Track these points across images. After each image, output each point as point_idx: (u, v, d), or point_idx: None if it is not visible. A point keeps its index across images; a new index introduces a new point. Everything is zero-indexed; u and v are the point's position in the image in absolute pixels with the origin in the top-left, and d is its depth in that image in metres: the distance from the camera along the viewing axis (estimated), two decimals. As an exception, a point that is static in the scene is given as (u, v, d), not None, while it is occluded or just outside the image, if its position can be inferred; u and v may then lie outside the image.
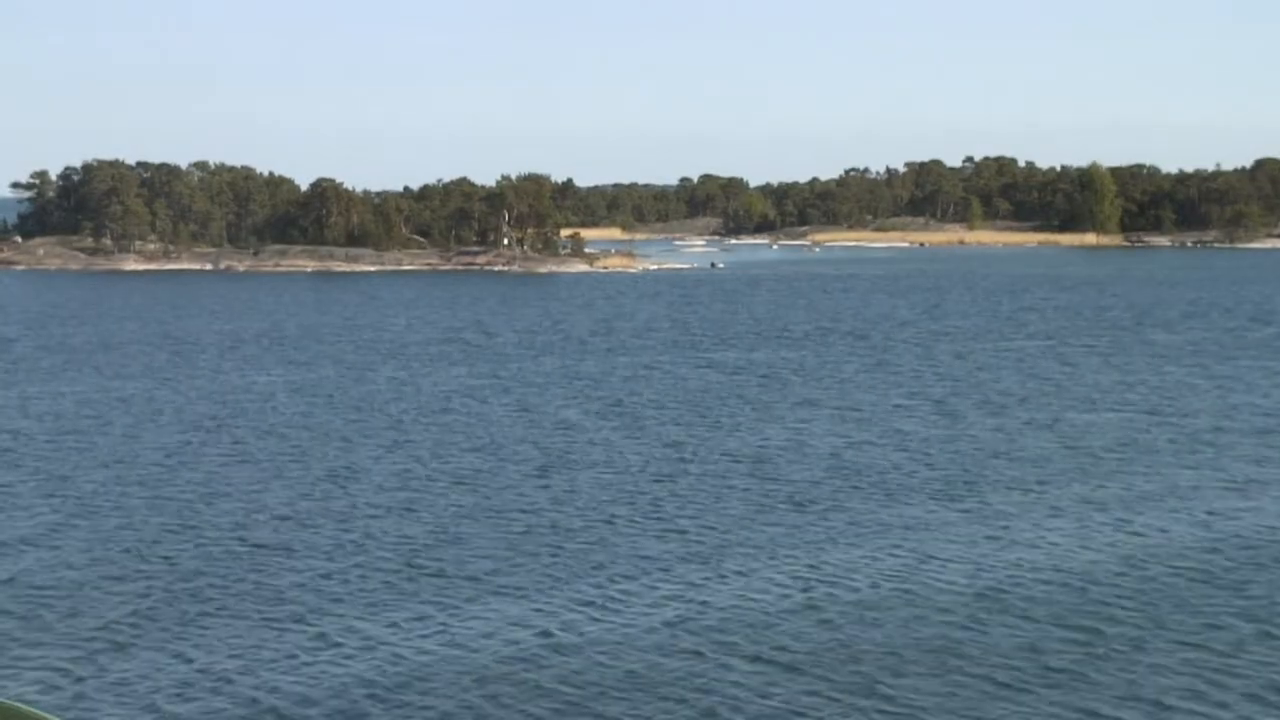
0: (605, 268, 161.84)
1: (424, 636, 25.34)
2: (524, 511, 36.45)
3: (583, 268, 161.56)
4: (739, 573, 29.88)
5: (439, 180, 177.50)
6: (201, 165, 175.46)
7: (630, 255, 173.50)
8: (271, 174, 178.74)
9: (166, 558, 31.51)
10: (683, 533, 33.97)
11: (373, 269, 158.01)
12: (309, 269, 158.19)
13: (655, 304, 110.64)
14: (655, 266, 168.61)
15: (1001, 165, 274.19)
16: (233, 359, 72.46)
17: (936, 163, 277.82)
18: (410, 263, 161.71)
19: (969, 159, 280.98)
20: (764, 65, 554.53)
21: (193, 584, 29.15)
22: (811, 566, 30.73)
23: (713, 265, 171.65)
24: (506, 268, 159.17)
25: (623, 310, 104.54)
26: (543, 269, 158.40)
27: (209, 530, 34.27)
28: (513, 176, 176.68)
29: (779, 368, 67.64)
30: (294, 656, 24.08)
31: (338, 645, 24.78)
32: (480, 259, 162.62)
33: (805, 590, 28.60)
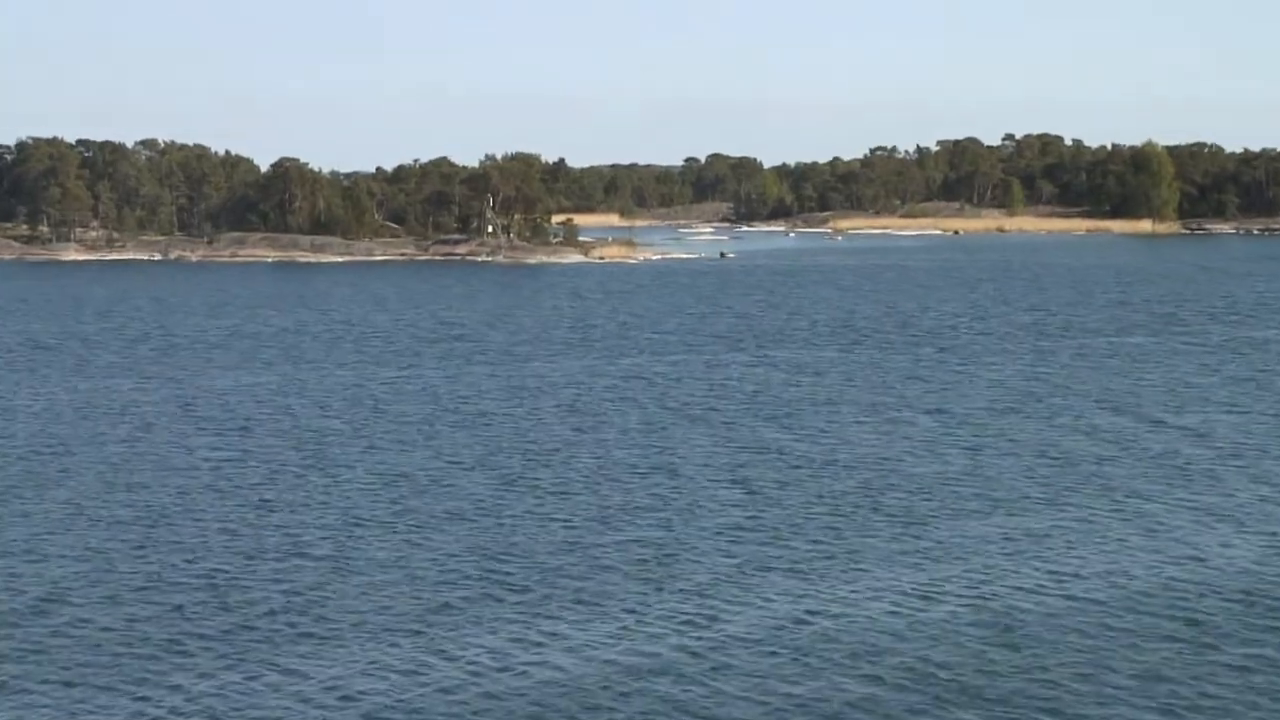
0: (602, 258, 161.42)
1: (528, 652, 27.11)
2: (602, 522, 37.37)
3: (577, 258, 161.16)
4: (849, 584, 31.69)
5: (415, 160, 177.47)
6: (149, 144, 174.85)
7: (630, 244, 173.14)
8: (228, 153, 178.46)
9: (251, 573, 32.64)
10: (784, 545, 35.09)
11: (341, 260, 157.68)
12: (270, 259, 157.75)
13: (668, 297, 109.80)
14: (658, 256, 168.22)
15: (1045, 144, 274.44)
16: (225, 358, 71.90)
17: (973, 141, 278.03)
18: (383, 253, 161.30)
19: (1009, 137, 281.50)
20: (779, 30, 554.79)
21: (294, 600, 30.46)
22: (939, 580, 31.94)
23: (722, 255, 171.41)
24: (491, 258, 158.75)
25: (633, 304, 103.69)
26: (532, 259, 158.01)
27: (291, 545, 35.10)
28: (498, 156, 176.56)
29: (840, 368, 67.93)
30: (415, 673, 26.03)
31: (456, 659, 26.70)
32: (461, 248, 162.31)
33: (935, 605, 30.01)
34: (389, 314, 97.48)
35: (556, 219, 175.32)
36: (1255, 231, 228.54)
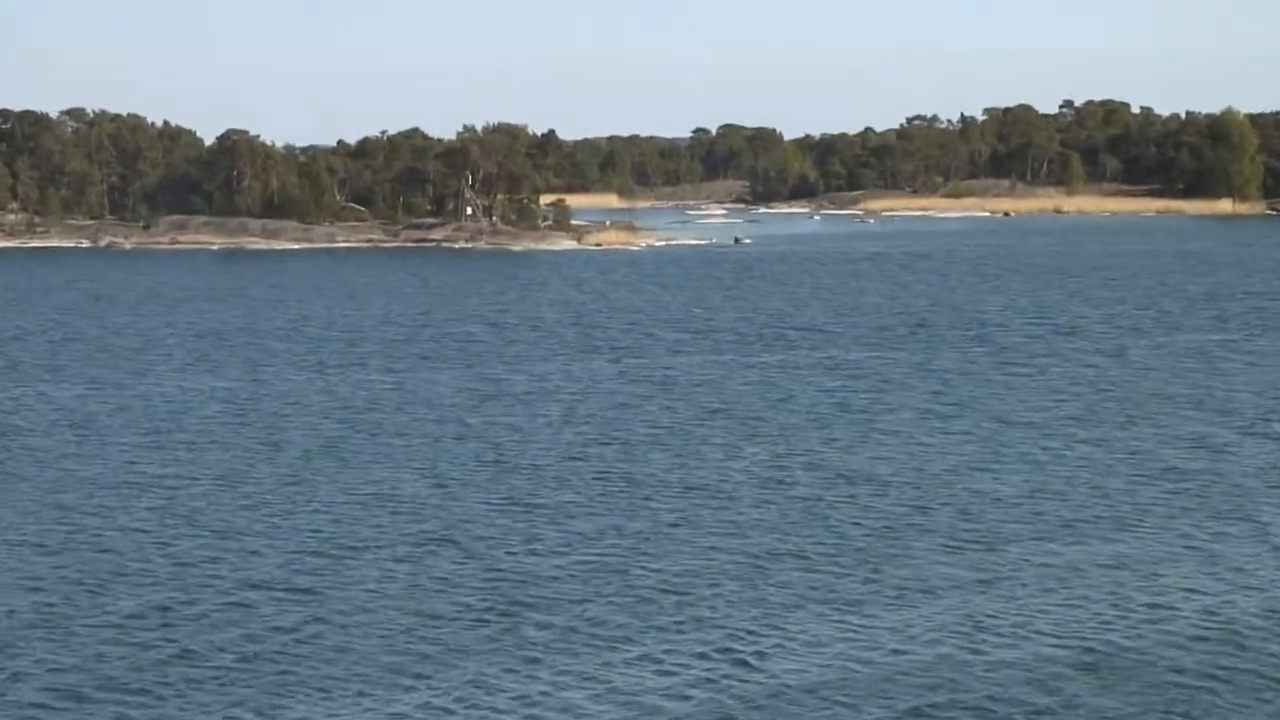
0: (598, 244, 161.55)
1: (545, 698, 27.63)
2: (615, 548, 37.65)
3: (569, 244, 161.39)
4: (901, 619, 32.01)
5: (382, 133, 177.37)
6: (77, 114, 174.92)
7: (630, 228, 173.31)
8: (167, 124, 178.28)
9: (209, 612, 32.63)
10: (824, 573, 35.37)
11: (297, 247, 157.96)
12: (215, 247, 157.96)
13: (676, 289, 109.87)
14: (663, 243, 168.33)
15: (1109, 112, 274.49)
16: (168, 361, 71.79)
17: (1025, 109, 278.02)
18: (346, 239, 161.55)
19: (1067, 104, 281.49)
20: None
21: (261, 644, 30.36)
22: (1004, 613, 32.13)
23: (736, 240, 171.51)
24: (470, 244, 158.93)
25: (636, 297, 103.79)
26: (517, 246, 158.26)
27: (256, 579, 35.09)
28: (478, 127, 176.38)
29: (880, 369, 68.12)
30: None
31: (459, 712, 27.28)
32: (436, 233, 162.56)
33: (1001, 642, 30.25)
34: (356, 309, 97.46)
35: (545, 200, 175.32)
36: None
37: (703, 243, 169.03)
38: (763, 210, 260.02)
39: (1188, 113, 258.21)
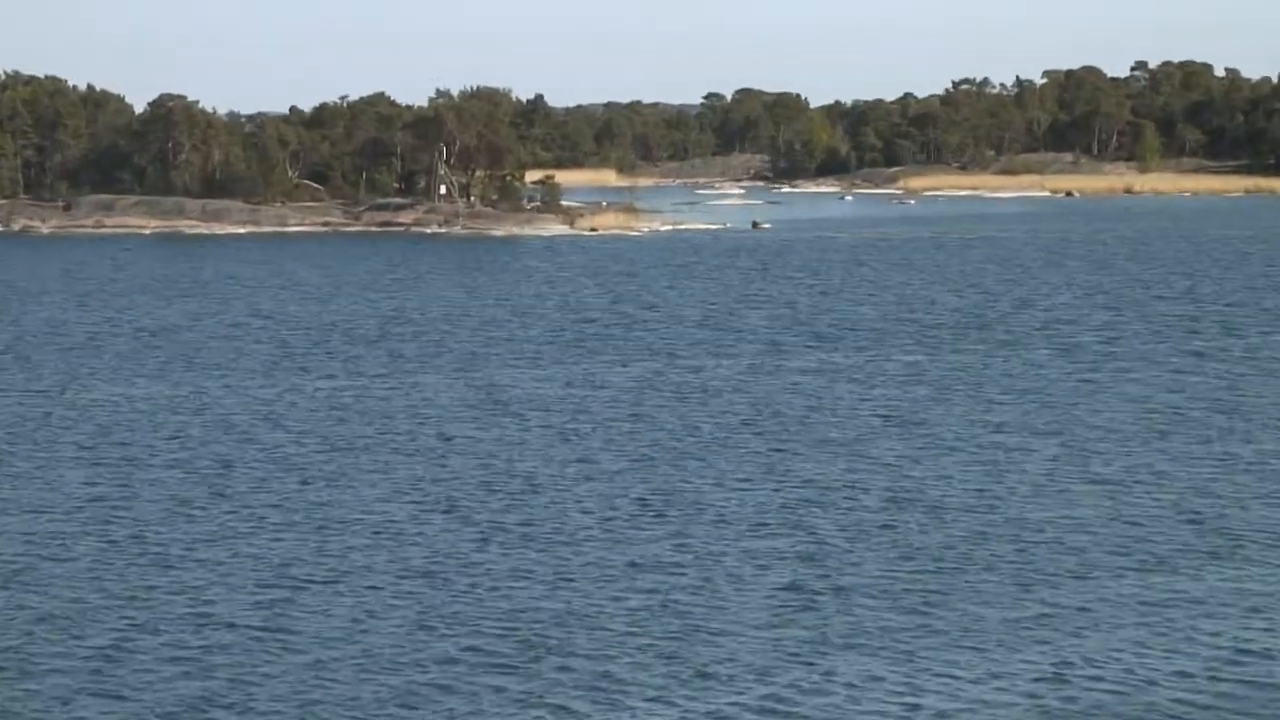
0: (593, 229, 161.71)
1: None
2: (614, 583, 37.76)
3: (559, 229, 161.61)
4: (955, 667, 32.31)
5: (342, 99, 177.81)
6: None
7: (630, 210, 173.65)
8: (91, 89, 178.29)
9: (150, 652, 32.60)
10: (863, 613, 35.51)
11: (243, 231, 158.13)
12: (147, 231, 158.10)
13: (685, 281, 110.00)
14: (668, 227, 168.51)
15: (1189, 75, 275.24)
16: (95, 363, 71.80)
17: (1091, 71, 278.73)
18: (300, 221, 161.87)
19: (1139, 65, 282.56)
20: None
21: (209, 693, 30.20)
22: (1070, 661, 32.54)
23: (755, 225, 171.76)
24: (445, 228, 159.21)
25: (639, 291, 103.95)
26: (499, 230, 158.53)
27: (201, 614, 34.81)
28: (453, 92, 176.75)
29: (924, 376, 68.36)
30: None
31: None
32: (405, 216, 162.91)
33: (1069, 694, 30.72)
34: (313, 303, 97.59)
35: (532, 177, 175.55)
36: None
37: (716, 227, 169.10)
38: (785, 189, 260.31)
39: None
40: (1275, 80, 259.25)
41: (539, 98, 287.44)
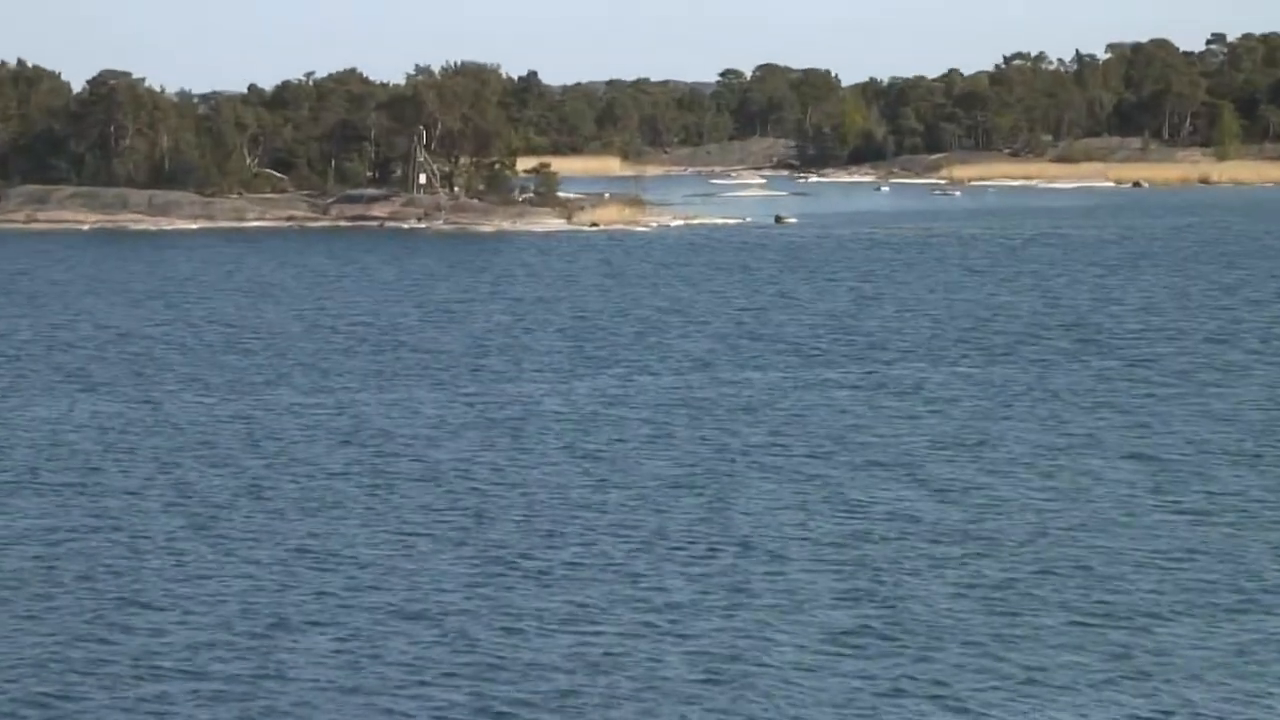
0: (594, 224, 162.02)
1: None
2: (643, 626, 38.07)
3: (556, 223, 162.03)
4: None
5: (308, 75, 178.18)
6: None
7: (637, 202, 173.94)
8: (22, 65, 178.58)
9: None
10: (923, 662, 35.66)
11: (194, 226, 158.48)
12: (86, 226, 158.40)
13: (703, 283, 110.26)
14: (680, 221, 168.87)
15: (1273, 49, 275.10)
16: (36, 376, 71.96)
17: (1162, 45, 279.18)
18: (260, 215, 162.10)
19: (1216, 38, 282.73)
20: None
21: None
22: (1167, 712, 32.84)
23: (778, 219, 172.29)
24: (425, 223, 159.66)
25: (651, 294, 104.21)
26: (487, 226, 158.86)
27: (161, 664, 34.38)
28: (434, 68, 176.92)
29: (980, 390, 68.91)
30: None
31: None
32: (380, 209, 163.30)
33: None
34: (278, 308, 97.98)
35: (524, 165, 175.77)
36: None
37: (734, 222, 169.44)
38: (813, 179, 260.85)
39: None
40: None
41: (532, 75, 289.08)
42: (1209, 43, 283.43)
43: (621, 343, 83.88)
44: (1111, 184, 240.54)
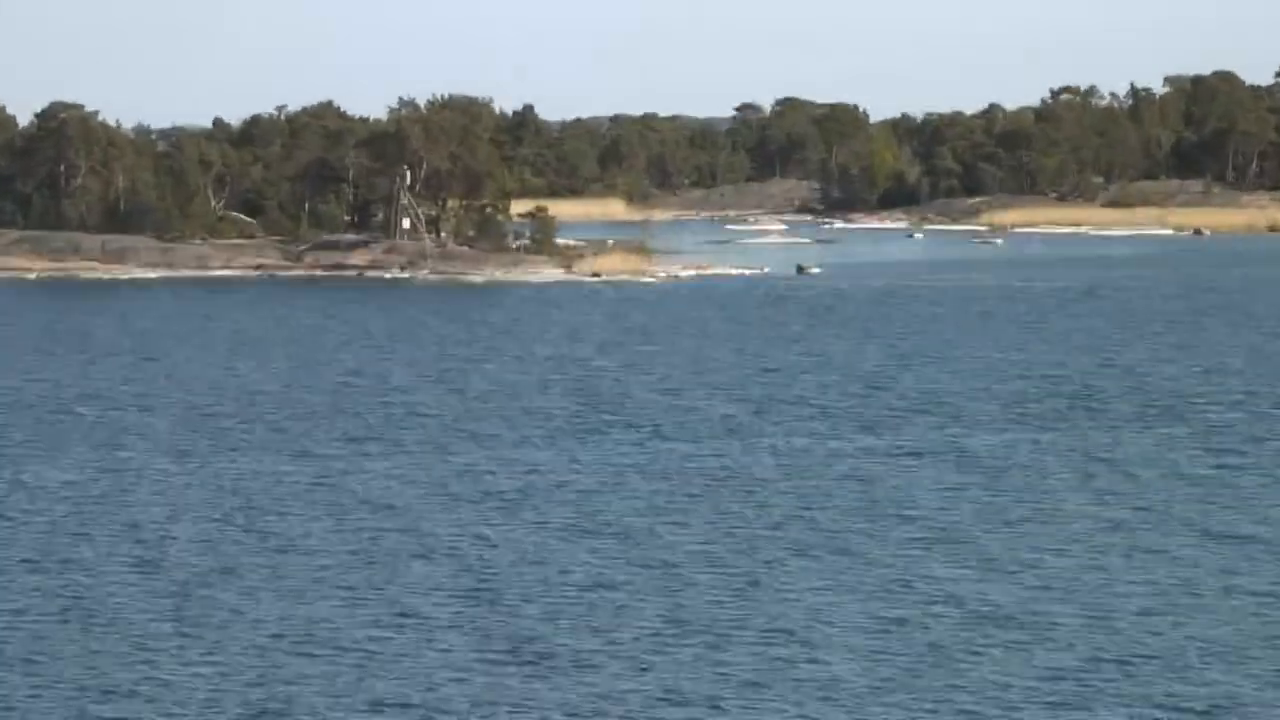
0: (596, 274, 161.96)
1: None
2: None
3: (553, 273, 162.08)
4: None
5: (279, 109, 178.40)
6: None
7: (644, 251, 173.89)
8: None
9: None
10: None
11: (153, 275, 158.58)
12: (33, 274, 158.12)
13: (721, 340, 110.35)
14: (692, 271, 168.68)
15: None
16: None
17: (1225, 77, 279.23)
18: (226, 263, 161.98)
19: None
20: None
21: None
22: None
23: (800, 269, 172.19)
24: (409, 272, 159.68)
25: (662, 352, 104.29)
26: (477, 276, 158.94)
27: None
28: (420, 102, 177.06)
29: (1035, 459, 69.22)
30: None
31: None
32: (359, 256, 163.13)
33: None
34: (248, 366, 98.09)
35: (519, 208, 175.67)
36: None
37: (751, 272, 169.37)
38: (839, 225, 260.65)
39: None
40: None
41: (528, 109, 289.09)
42: (1277, 76, 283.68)
43: (632, 405, 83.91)
44: (1170, 231, 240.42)
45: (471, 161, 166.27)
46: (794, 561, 52.00)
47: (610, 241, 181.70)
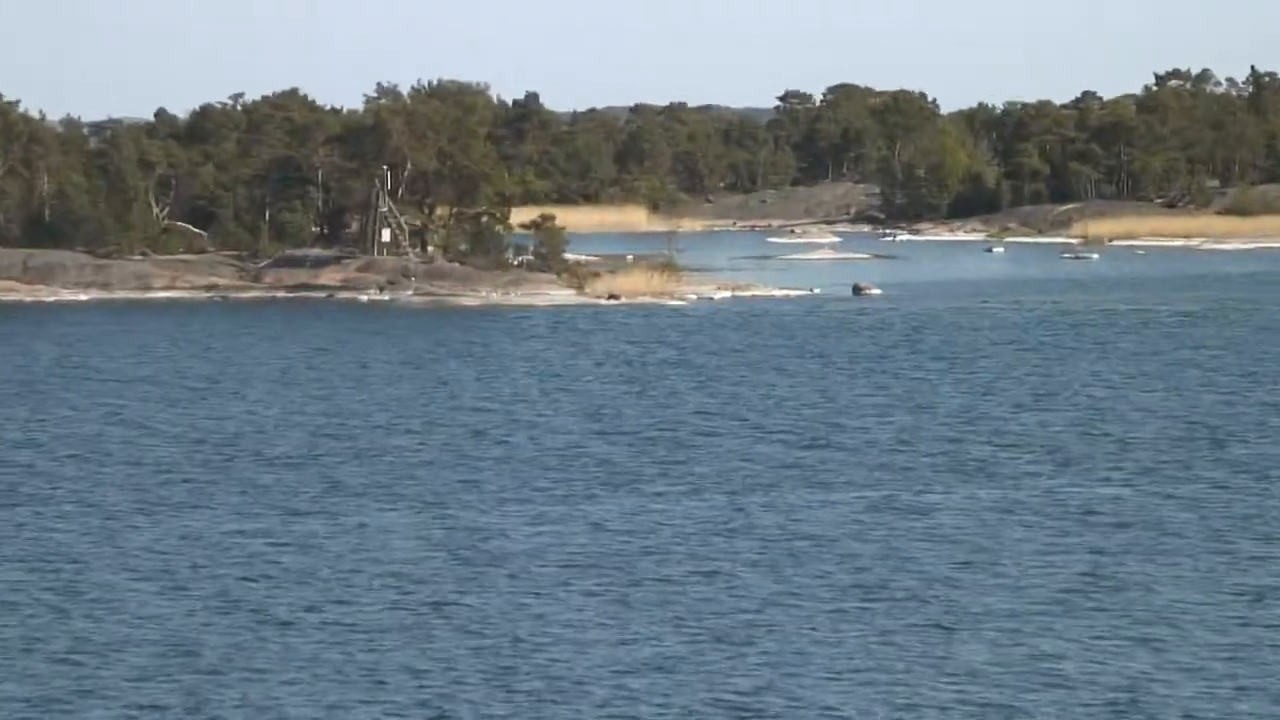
0: (613, 296, 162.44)
1: None
2: None
3: (563, 295, 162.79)
4: None
5: (235, 99, 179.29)
6: None
7: (670, 268, 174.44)
8: None
9: None
10: None
11: (85, 297, 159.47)
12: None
13: (767, 372, 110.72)
14: (727, 293, 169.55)
15: None
16: None
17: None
18: (169, 282, 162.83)
19: None
20: None
21: None
22: None
23: (858, 290, 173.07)
24: (389, 294, 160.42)
25: (699, 387, 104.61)
26: (469, 297, 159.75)
27: None
28: (402, 90, 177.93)
29: (1162, 516, 69.43)
30: None
31: None
32: (330, 275, 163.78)
33: None
34: (205, 406, 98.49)
35: (521, 217, 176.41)
36: None
37: (799, 293, 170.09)
38: (904, 236, 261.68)
39: None
40: None
41: (532, 98, 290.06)
42: None
43: (657, 453, 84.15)
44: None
45: (464, 161, 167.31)
46: (840, 643, 51.47)
47: (630, 257, 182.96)
